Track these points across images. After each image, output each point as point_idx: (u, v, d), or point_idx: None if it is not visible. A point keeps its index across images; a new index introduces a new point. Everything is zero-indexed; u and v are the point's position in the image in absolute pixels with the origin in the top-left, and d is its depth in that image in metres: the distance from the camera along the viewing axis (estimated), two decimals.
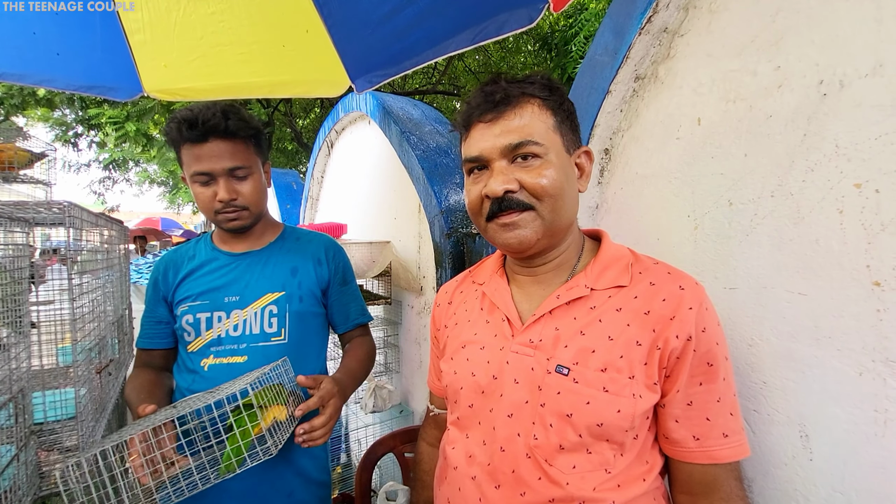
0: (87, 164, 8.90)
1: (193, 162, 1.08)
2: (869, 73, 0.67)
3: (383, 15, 1.50)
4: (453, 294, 0.95)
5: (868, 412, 0.68)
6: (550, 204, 0.71)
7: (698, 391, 0.68)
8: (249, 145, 1.13)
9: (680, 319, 0.67)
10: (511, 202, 0.71)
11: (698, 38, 0.92)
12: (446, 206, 1.82)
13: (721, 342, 0.69)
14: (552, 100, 0.73)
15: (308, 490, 1.22)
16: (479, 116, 0.73)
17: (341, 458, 2.67)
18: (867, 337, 0.68)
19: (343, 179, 2.95)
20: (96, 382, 1.08)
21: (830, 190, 0.71)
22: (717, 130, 0.88)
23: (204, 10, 1.58)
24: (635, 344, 0.68)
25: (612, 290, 0.73)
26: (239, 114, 1.10)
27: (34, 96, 5.92)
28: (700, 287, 0.71)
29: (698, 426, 0.69)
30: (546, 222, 0.72)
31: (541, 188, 0.70)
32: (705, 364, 0.68)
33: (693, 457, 0.69)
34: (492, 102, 0.72)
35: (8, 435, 0.78)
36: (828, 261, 0.72)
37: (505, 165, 0.72)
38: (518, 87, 0.72)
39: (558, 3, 1.22)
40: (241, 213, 1.13)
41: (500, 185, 0.71)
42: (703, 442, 0.68)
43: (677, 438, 0.70)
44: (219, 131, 1.06)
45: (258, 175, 1.15)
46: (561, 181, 0.71)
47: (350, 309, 1.32)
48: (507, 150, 0.71)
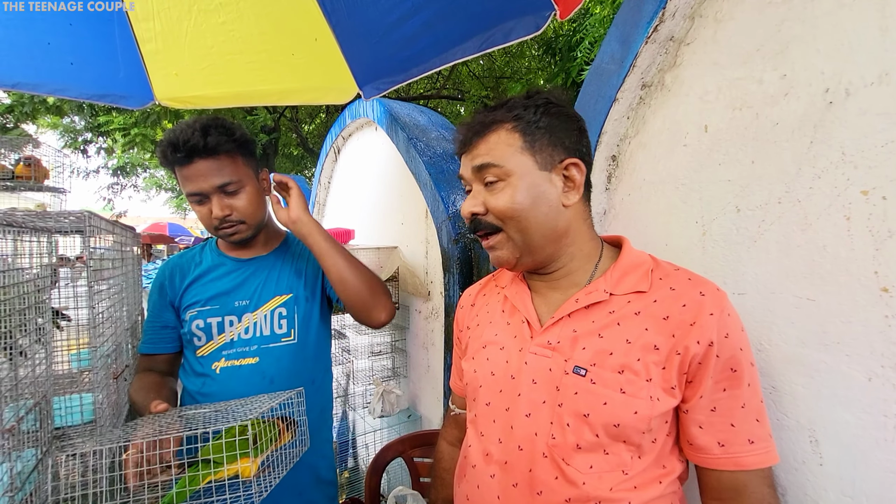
0: (95, 171, 9.01)
1: (184, 183, 1.09)
2: (874, 81, 0.68)
3: (391, 23, 1.53)
4: (476, 296, 0.98)
5: (878, 417, 0.69)
6: (514, 225, 0.75)
7: (722, 397, 0.68)
8: (237, 158, 1.12)
9: (700, 325, 0.67)
10: (480, 224, 0.77)
11: (704, 47, 0.93)
12: (453, 211, 1.83)
13: (745, 348, 0.69)
14: (524, 120, 0.74)
15: (318, 489, 1.24)
16: (460, 149, 0.81)
17: (349, 463, 2.68)
18: (876, 342, 0.68)
19: (350, 185, 2.98)
20: (113, 388, 1.10)
21: (837, 197, 0.72)
22: (724, 138, 0.89)
23: (215, 20, 1.61)
24: (653, 348, 0.69)
25: (632, 294, 0.74)
26: (221, 128, 1.09)
27: (44, 104, 6.00)
28: (722, 293, 0.71)
29: (723, 432, 0.68)
30: (517, 243, 0.76)
31: (500, 211, 0.74)
32: (729, 370, 0.68)
33: (719, 463, 0.68)
34: (465, 136, 0.79)
35: (33, 440, 0.79)
36: (835, 267, 0.73)
37: (478, 189, 0.77)
38: (490, 115, 0.77)
39: (564, 11, 1.24)
40: (238, 227, 1.13)
41: (466, 207, 0.78)
42: (728, 448, 0.68)
43: (702, 445, 0.69)
44: (200, 150, 1.05)
45: (251, 186, 1.15)
46: (524, 202, 0.73)
47: None
48: (475, 171, 0.77)
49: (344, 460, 2.65)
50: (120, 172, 9.02)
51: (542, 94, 0.77)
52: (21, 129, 6.57)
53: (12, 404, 0.74)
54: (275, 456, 0.86)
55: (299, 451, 0.92)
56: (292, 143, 8.56)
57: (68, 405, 1.14)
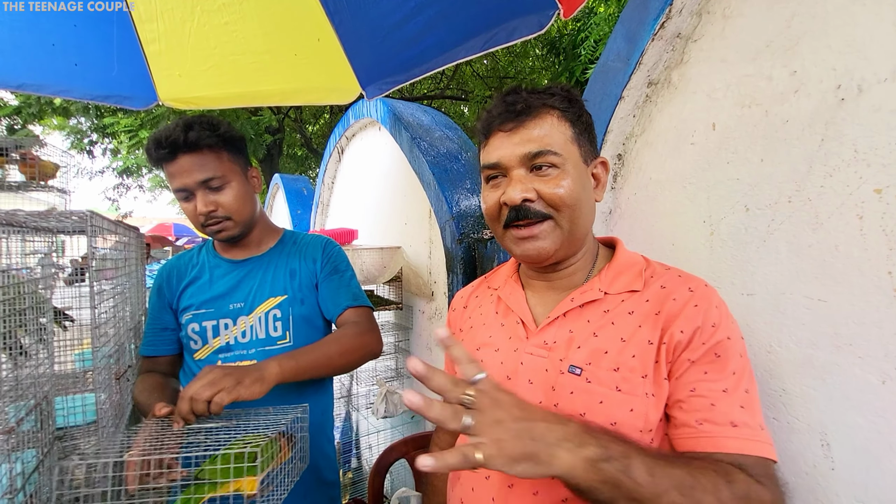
0: (101, 172, 9.07)
1: (170, 179, 1.09)
2: (888, 77, 0.67)
3: (394, 23, 1.52)
4: (468, 299, 0.97)
5: (891, 421, 0.67)
6: (568, 214, 0.73)
7: (702, 378, 0.66)
8: (221, 154, 1.11)
9: (685, 316, 0.68)
10: (528, 211, 0.73)
11: (712, 44, 0.92)
12: (457, 211, 1.82)
13: (734, 337, 0.68)
14: (571, 111, 0.75)
15: (320, 490, 1.23)
16: (500, 125, 0.74)
17: (352, 463, 2.67)
18: (890, 345, 0.67)
19: (353, 185, 2.97)
20: (116, 388, 1.10)
21: (850, 195, 0.71)
22: (733, 136, 0.87)
23: (218, 20, 1.61)
24: (647, 343, 0.69)
25: (626, 294, 0.74)
26: (205, 124, 1.09)
27: (51, 105, 6.05)
28: (710, 289, 0.72)
29: (702, 411, 0.65)
30: (564, 232, 0.74)
31: (558, 198, 0.71)
32: (713, 354, 0.66)
33: (698, 443, 0.64)
34: (513, 112, 0.73)
35: (33, 441, 0.79)
36: (848, 267, 0.71)
37: (523, 174, 0.73)
38: (539, 98, 0.74)
39: (568, 10, 1.23)
40: (224, 223, 1.12)
41: (518, 193, 0.72)
42: (706, 427, 0.64)
43: (681, 422, 0.66)
44: (182, 145, 1.06)
45: (237, 183, 1.13)
46: (578, 191, 0.72)
47: (338, 294, 1.24)
48: (525, 159, 0.72)
49: (347, 461, 2.65)
50: (125, 173, 9.07)
51: (574, 90, 0.77)
52: (28, 131, 6.62)
53: (12, 405, 0.74)
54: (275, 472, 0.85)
55: (299, 469, 0.92)
56: (296, 144, 8.59)
57: (71, 405, 1.13)
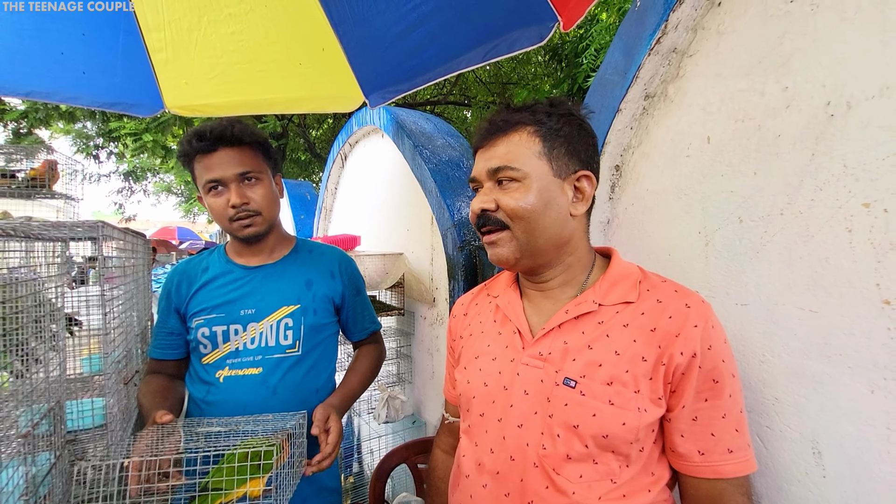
0: (106, 175, 9.14)
1: (205, 172, 1.12)
2: (876, 94, 0.69)
3: (397, 33, 1.55)
4: (469, 306, 0.99)
5: (881, 430, 0.69)
6: (522, 226, 0.76)
7: (703, 407, 0.70)
8: (258, 153, 1.17)
9: (685, 337, 0.69)
10: (489, 219, 0.79)
11: (707, 59, 0.94)
12: (459, 218, 1.84)
13: (728, 359, 0.71)
14: (546, 126, 0.77)
15: (320, 497, 1.24)
16: (478, 143, 0.83)
17: (353, 468, 2.68)
18: (878, 355, 0.68)
19: (356, 191, 3.00)
20: (123, 392, 1.12)
21: (839, 209, 0.73)
22: (727, 149, 0.89)
23: (224, 30, 1.64)
24: (641, 359, 0.70)
25: (620, 305, 0.76)
26: (246, 125, 1.15)
27: (57, 110, 6.11)
28: (706, 305, 0.73)
29: (703, 441, 0.70)
30: (521, 243, 0.77)
31: (511, 210, 0.76)
32: (711, 380, 0.69)
33: (698, 471, 0.71)
34: (490, 131, 0.80)
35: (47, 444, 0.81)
36: (838, 279, 0.73)
37: (490, 187, 0.79)
38: (517, 115, 0.78)
39: (568, 22, 1.25)
40: (254, 218, 1.15)
41: (478, 203, 0.80)
42: (707, 457, 0.70)
43: (683, 452, 0.71)
44: (226, 139, 1.11)
45: (268, 182, 1.19)
46: (536, 205, 0.75)
47: (363, 318, 1.38)
48: (490, 174, 0.78)
49: (349, 465, 2.66)
50: (130, 177, 9.15)
51: (565, 104, 0.80)
52: (35, 135, 6.69)
53: (26, 409, 0.76)
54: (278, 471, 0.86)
55: (299, 470, 0.94)
56: (300, 149, 8.63)
57: (80, 409, 1.15)
